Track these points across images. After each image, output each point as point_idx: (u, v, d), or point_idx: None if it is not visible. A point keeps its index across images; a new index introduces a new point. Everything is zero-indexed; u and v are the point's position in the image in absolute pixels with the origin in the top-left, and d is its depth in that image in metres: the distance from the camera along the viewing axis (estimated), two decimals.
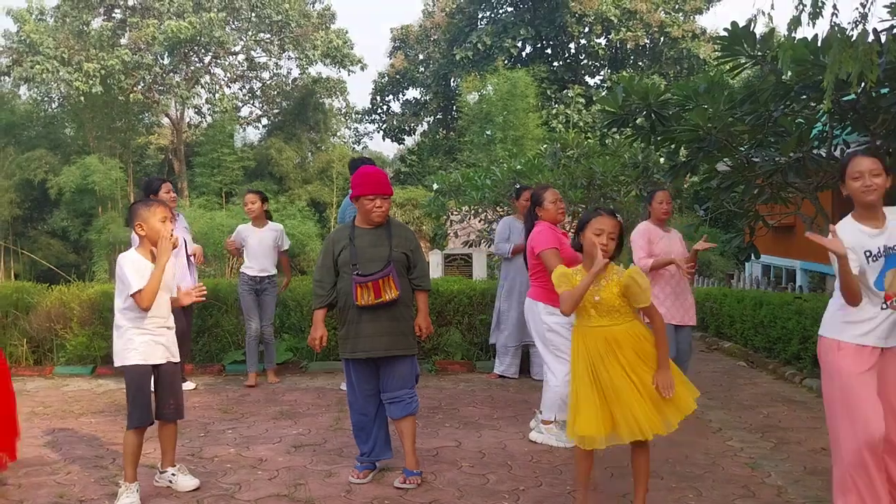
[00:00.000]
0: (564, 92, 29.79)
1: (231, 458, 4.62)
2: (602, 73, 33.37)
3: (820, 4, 5.18)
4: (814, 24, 5.41)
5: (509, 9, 32.40)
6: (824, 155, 6.88)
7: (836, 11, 5.29)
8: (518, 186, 7.51)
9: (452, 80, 32.79)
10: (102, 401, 6.24)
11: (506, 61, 30.00)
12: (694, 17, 31.53)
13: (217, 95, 30.23)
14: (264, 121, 33.86)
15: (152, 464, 4.27)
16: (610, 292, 3.38)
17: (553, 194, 5.12)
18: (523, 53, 32.57)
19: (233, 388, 6.65)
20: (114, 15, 28.34)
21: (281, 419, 5.57)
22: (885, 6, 5.22)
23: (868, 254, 3.19)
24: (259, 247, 6.81)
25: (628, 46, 30.74)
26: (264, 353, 6.98)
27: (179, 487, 4.00)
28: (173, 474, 4.04)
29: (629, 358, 3.38)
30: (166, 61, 28.97)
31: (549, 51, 33.33)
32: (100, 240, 24.47)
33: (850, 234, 3.19)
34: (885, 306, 3.18)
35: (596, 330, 3.41)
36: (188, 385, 6.49)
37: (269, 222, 7.00)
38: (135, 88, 28.35)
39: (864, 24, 5.38)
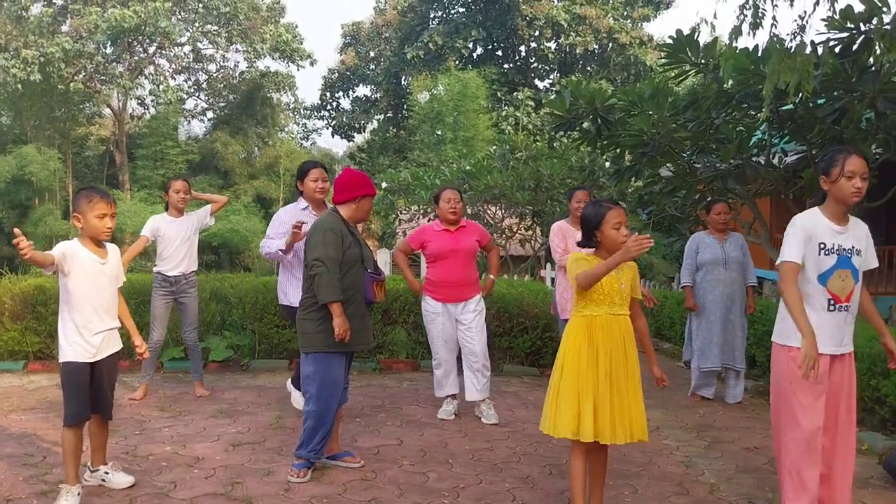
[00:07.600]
0: (514, 94, 30.04)
1: (167, 456, 4.52)
2: (551, 76, 33.76)
3: (760, 15, 5.34)
4: (754, 34, 5.58)
5: (461, 9, 32.51)
6: (763, 162, 7.09)
7: (775, 23, 5.46)
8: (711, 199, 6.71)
9: (403, 78, 32.74)
10: (34, 397, 6.03)
11: (457, 62, 30.10)
12: (642, 25, 32.15)
13: (161, 87, 29.60)
14: (210, 114, 33.32)
15: (83, 461, 4.14)
16: (628, 281, 3.36)
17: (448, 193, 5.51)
18: (474, 54, 32.72)
19: (171, 386, 6.50)
20: (54, 1, 27.48)
21: (219, 417, 5.46)
22: (822, 19, 5.40)
23: (822, 246, 3.18)
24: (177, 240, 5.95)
25: (577, 51, 31.15)
26: (190, 363, 6.30)
27: (114, 485, 3.88)
28: (107, 472, 3.92)
29: (632, 352, 3.35)
30: (109, 50, 28.25)
31: (499, 53, 33.56)
32: (36, 232, 23.71)
33: (811, 222, 3.20)
34: (832, 307, 3.19)
35: (620, 319, 3.34)
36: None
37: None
38: (75, 77, 27.57)
39: (801, 36, 5.57)
